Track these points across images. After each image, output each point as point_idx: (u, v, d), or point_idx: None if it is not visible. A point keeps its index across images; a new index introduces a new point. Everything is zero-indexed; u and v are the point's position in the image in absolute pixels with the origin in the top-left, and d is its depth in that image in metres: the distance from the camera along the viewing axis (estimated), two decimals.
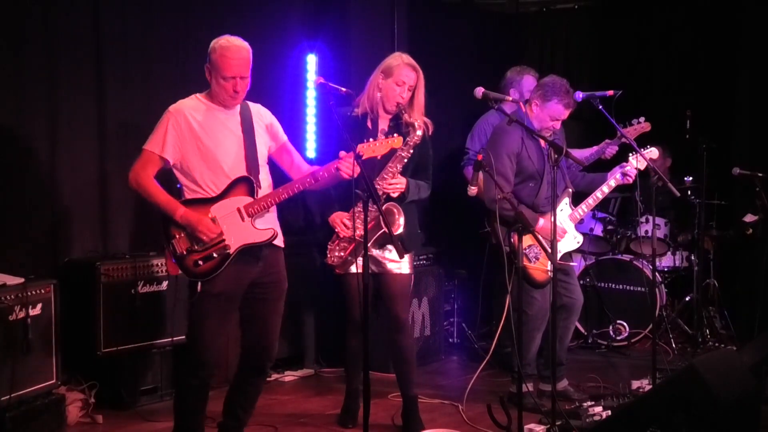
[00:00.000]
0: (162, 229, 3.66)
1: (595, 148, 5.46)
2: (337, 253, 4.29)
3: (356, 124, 4.29)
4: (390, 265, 4.33)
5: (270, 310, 3.80)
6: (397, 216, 4.19)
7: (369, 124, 4.32)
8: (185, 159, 3.64)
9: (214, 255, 3.60)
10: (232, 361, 4.16)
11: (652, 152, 4.88)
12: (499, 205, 4.20)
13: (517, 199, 4.66)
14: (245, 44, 3.67)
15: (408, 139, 4.19)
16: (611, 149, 5.44)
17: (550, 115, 4.68)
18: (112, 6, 5.06)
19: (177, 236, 3.61)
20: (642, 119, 5.20)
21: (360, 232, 4.14)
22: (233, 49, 3.61)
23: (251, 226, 3.65)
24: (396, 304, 4.37)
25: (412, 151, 4.22)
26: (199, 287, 3.62)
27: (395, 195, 4.23)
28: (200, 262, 3.60)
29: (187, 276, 3.67)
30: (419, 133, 4.20)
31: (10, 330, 4.05)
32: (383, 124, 4.34)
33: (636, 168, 4.82)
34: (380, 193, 4.19)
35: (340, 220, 4.26)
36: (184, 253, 3.61)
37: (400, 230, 4.19)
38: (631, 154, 4.85)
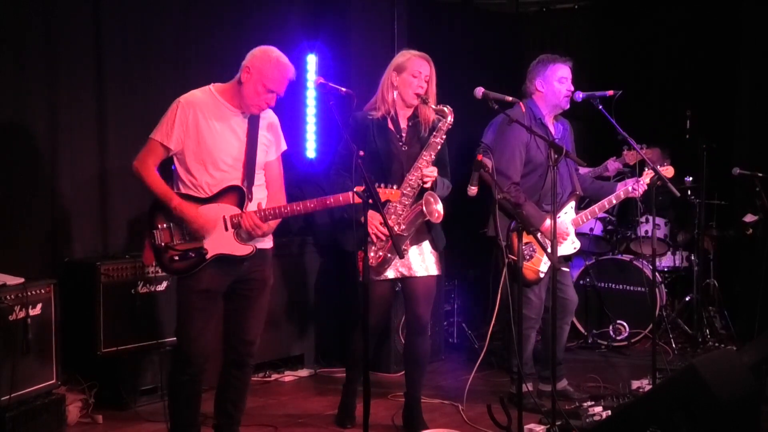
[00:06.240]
0: (148, 217, 3.66)
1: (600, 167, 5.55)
2: (373, 254, 4.18)
3: (378, 127, 4.26)
4: (417, 267, 4.29)
5: (252, 306, 3.82)
6: (434, 204, 4.16)
7: (390, 125, 4.30)
8: (186, 152, 3.64)
9: (191, 255, 3.61)
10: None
11: (668, 170, 4.85)
12: (504, 197, 4.20)
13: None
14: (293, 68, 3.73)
15: (441, 124, 4.22)
16: (614, 166, 5.48)
17: (557, 79, 4.70)
18: (112, 6, 5.06)
19: (160, 227, 3.62)
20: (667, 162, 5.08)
21: (398, 227, 4.12)
22: (289, 67, 3.67)
23: (232, 238, 3.64)
24: (420, 306, 4.34)
25: (445, 136, 4.23)
26: (170, 280, 3.63)
27: (428, 185, 4.20)
28: (176, 258, 3.61)
29: (161, 269, 3.71)
30: (450, 118, 4.21)
31: (10, 330, 4.04)
32: (403, 123, 4.32)
33: (645, 184, 4.83)
34: (414, 183, 4.18)
35: (375, 221, 4.07)
36: (163, 245, 3.62)
37: (440, 219, 4.18)
38: (645, 169, 4.84)
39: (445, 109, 4.22)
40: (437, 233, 4.34)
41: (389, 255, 4.19)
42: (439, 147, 4.23)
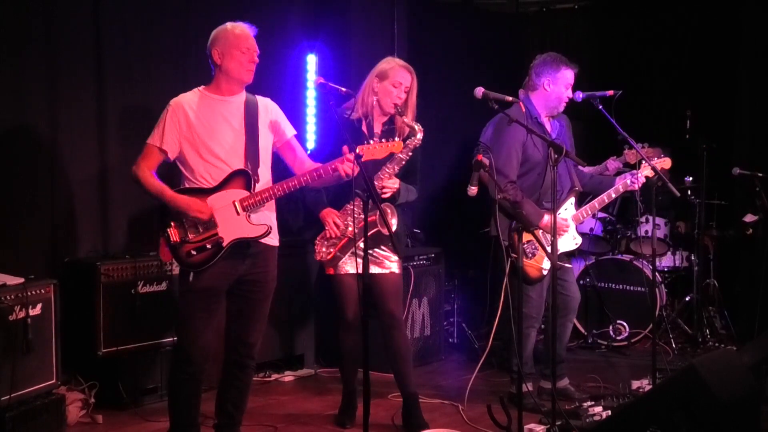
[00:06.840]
0: (159, 216, 3.69)
1: (598, 166, 5.55)
2: (324, 249, 4.33)
3: (352, 127, 4.31)
4: (379, 267, 4.36)
5: (253, 308, 3.83)
6: (390, 216, 4.23)
7: (364, 128, 4.35)
8: (184, 151, 3.68)
9: (208, 246, 3.63)
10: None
11: (665, 162, 4.88)
12: (503, 197, 4.20)
13: (521, 191, 4.66)
14: None
15: (408, 141, 4.23)
16: (614, 165, 5.50)
17: (564, 84, 4.72)
18: (112, 6, 5.06)
19: (173, 224, 3.64)
20: (663, 158, 5.09)
21: (351, 229, 4.17)
22: (243, 25, 3.79)
23: (245, 221, 3.68)
24: (389, 302, 4.40)
25: (411, 154, 4.25)
26: (191, 277, 3.66)
27: (387, 196, 4.26)
28: (193, 252, 3.63)
29: (180, 265, 3.72)
30: (420, 136, 4.24)
31: (10, 330, 4.04)
32: (377, 127, 4.38)
33: (645, 176, 4.83)
34: (374, 192, 4.21)
35: (331, 218, 4.29)
36: (178, 241, 3.64)
37: (393, 230, 4.21)
38: (643, 162, 4.84)
39: (416, 126, 4.24)
40: (398, 237, 4.35)
41: (339, 254, 4.30)
42: (403, 162, 4.26)
